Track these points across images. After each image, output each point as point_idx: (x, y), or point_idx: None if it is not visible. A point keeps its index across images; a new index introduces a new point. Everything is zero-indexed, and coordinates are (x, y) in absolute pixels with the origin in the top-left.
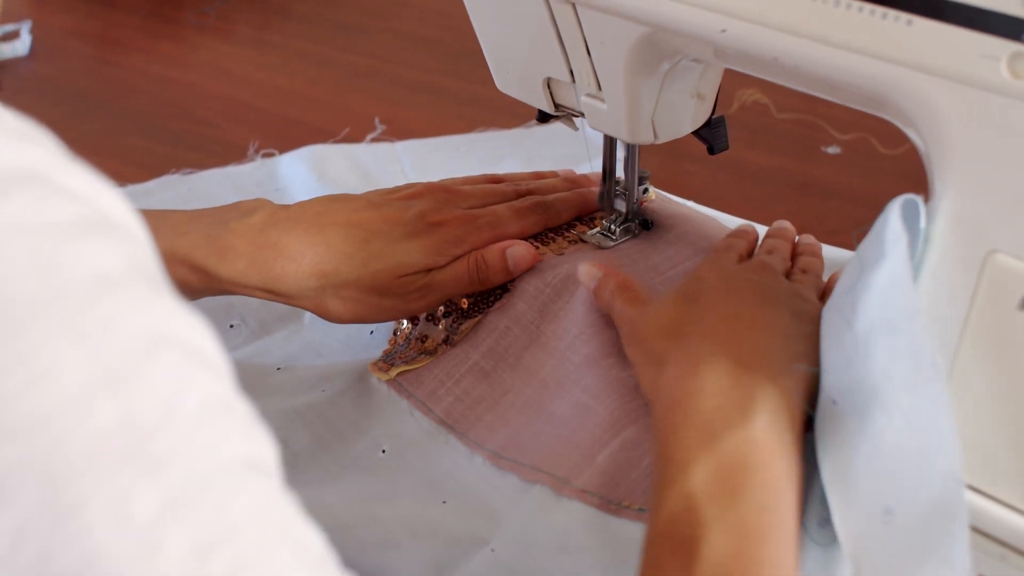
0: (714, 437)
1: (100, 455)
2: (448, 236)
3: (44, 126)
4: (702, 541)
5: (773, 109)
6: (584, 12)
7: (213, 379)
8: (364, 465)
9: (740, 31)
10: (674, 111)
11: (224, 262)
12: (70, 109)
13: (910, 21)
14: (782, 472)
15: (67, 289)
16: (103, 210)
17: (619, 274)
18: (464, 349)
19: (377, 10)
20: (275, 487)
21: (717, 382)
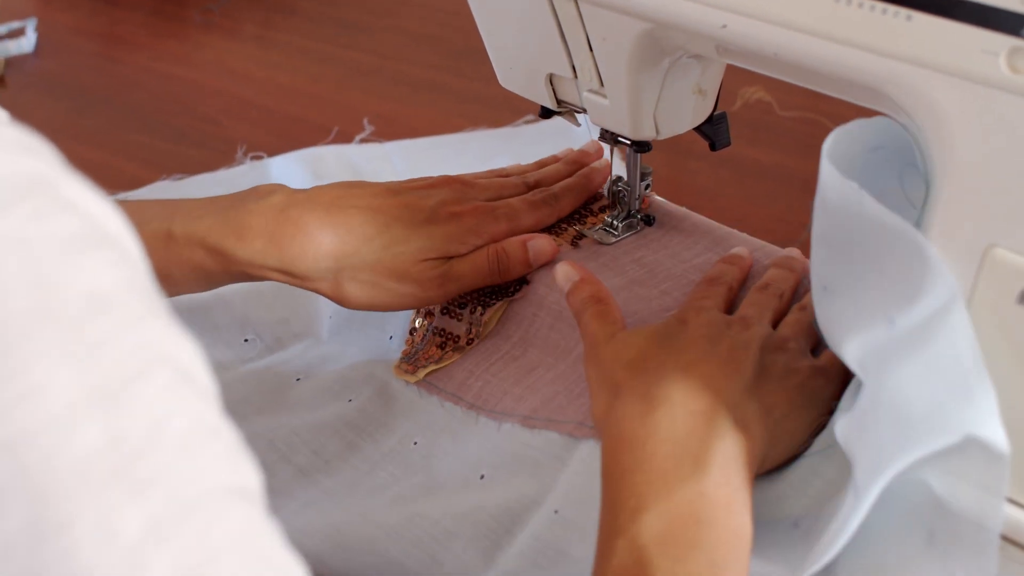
0: (667, 487)
1: (87, 474)
2: (467, 225)
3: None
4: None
5: (776, 107)
6: (586, 8)
7: (201, 403)
8: (397, 459)
9: (741, 26)
10: (676, 107)
11: (242, 242)
12: (74, 105)
13: (910, 16)
14: (734, 528)
15: (61, 306)
16: (100, 224)
17: (595, 284)
18: (494, 342)
19: (379, 8)
20: (258, 514)
21: (672, 428)
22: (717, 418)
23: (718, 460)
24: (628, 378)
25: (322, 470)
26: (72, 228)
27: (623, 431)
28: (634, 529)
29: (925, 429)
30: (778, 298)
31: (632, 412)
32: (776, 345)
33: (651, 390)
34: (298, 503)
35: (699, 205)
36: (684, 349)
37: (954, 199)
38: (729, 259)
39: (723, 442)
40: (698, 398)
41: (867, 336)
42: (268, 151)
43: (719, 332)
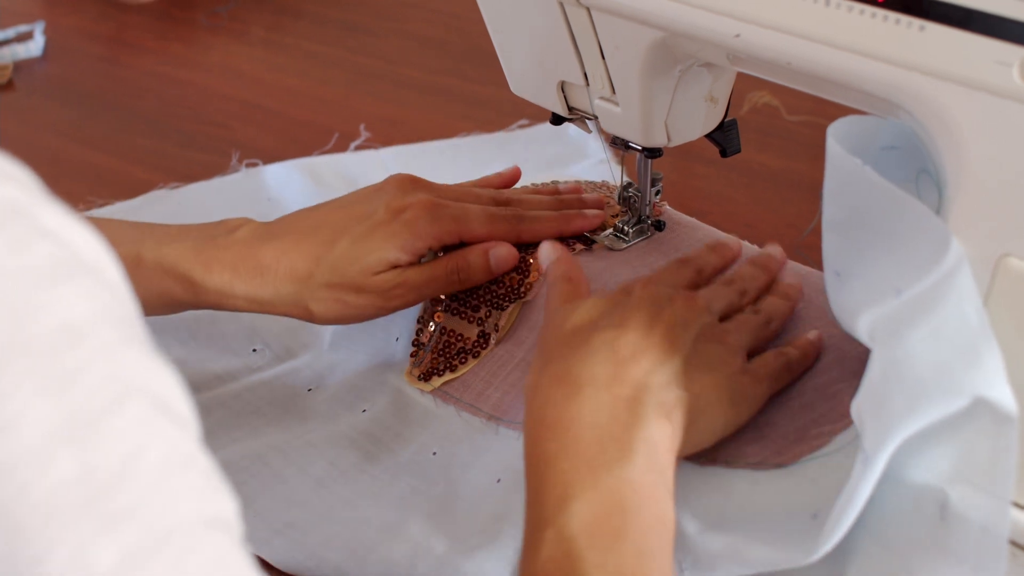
0: (592, 475)
1: (61, 507)
2: (411, 224)
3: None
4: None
5: (783, 111)
6: (599, 16)
7: (176, 432)
8: (416, 469)
9: (754, 36)
10: (687, 114)
11: (210, 273)
12: (83, 110)
13: (923, 27)
14: (659, 515)
15: (36, 338)
16: (77, 252)
17: (570, 262)
18: (507, 348)
19: (385, 11)
20: (233, 544)
21: (597, 412)
22: (641, 402)
23: (642, 447)
24: (556, 353)
25: (339, 481)
26: (47, 258)
27: (546, 415)
28: (561, 519)
29: (933, 392)
30: (739, 294)
31: (555, 394)
32: (714, 335)
33: (575, 370)
34: (316, 515)
35: (707, 210)
36: (619, 324)
37: (967, 208)
38: (713, 245)
39: (646, 427)
40: (623, 382)
41: (877, 309)
42: (276, 155)
43: (659, 307)
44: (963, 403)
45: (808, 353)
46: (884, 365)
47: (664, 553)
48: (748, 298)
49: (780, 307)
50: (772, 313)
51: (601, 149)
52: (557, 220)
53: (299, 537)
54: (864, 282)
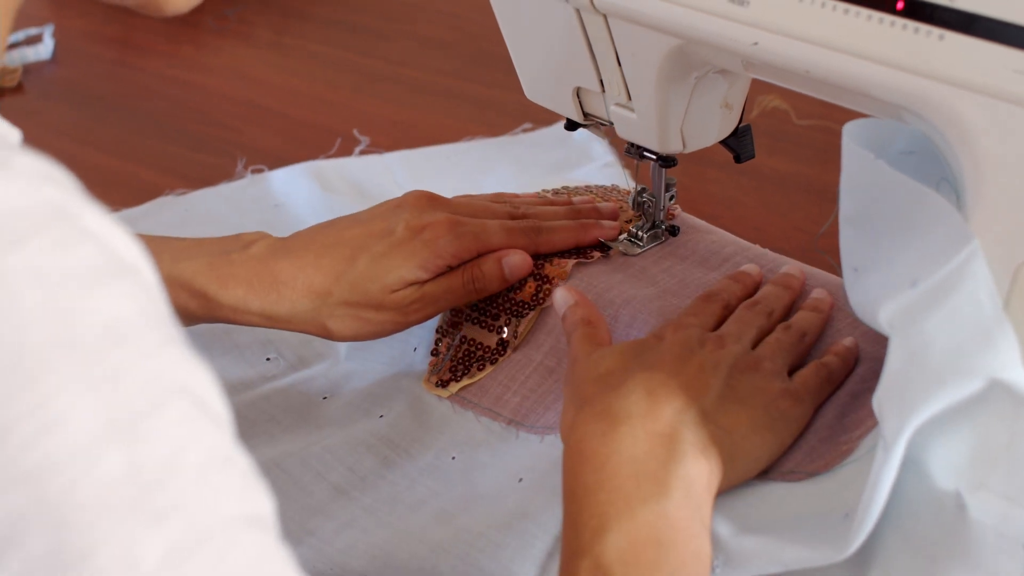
0: (629, 508)
1: (109, 503)
2: (431, 243)
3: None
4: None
5: (793, 115)
6: (616, 24)
7: (216, 432)
8: (436, 473)
9: (772, 44)
10: (703, 121)
11: (225, 289)
12: (92, 113)
13: (942, 36)
14: (694, 550)
15: (80, 338)
16: (118, 254)
17: (588, 306)
18: (525, 352)
19: (392, 14)
20: (271, 541)
21: (634, 448)
22: (677, 440)
23: (678, 483)
24: (594, 393)
25: (358, 487)
26: (91, 259)
27: (585, 448)
28: (597, 549)
29: (948, 376)
30: (766, 316)
31: (594, 429)
32: (748, 365)
33: (613, 407)
34: (337, 523)
35: (717, 214)
36: (652, 365)
37: (984, 217)
38: (736, 276)
39: (683, 464)
40: (659, 418)
41: (894, 300)
42: (284, 158)
43: (690, 351)
44: (978, 386)
45: (848, 360)
46: (901, 354)
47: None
48: (775, 318)
49: (812, 320)
50: (805, 327)
51: (606, 152)
52: (574, 230)
53: (321, 546)
54: (882, 275)
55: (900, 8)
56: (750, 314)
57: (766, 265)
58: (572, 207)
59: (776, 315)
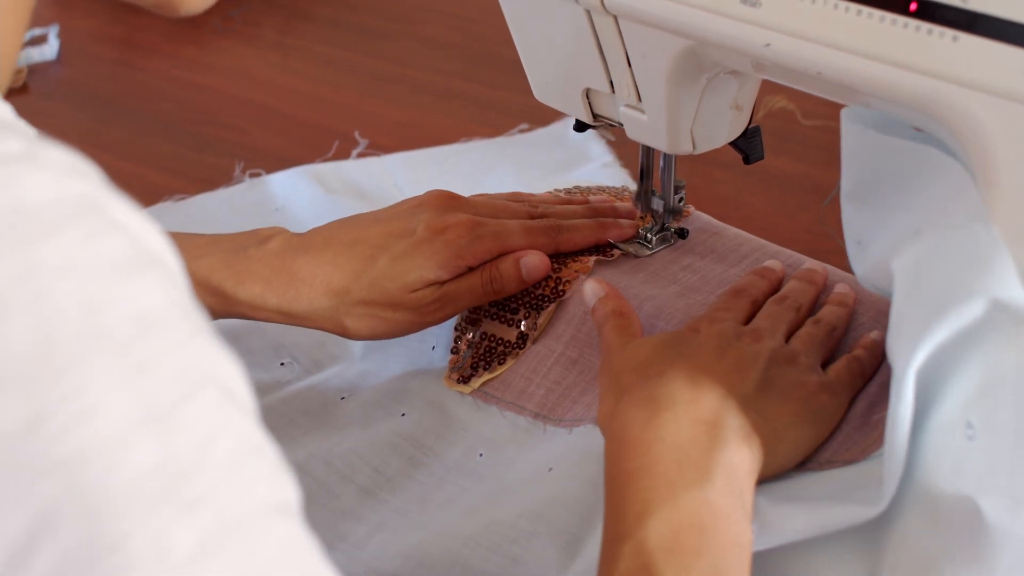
0: (672, 494)
1: (140, 493)
2: (452, 244)
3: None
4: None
5: (799, 116)
6: (626, 25)
7: (245, 421)
8: (464, 471)
9: (784, 46)
10: (713, 122)
11: (242, 285)
12: (97, 114)
13: (956, 37)
14: (736, 536)
15: (111, 329)
16: (146, 245)
17: (619, 298)
18: (546, 344)
19: (397, 15)
20: (300, 529)
21: (677, 434)
22: (720, 427)
23: (721, 469)
24: (634, 381)
25: (385, 488)
26: (120, 250)
27: (627, 435)
28: (640, 534)
29: (949, 301)
30: (794, 311)
31: (636, 416)
32: (785, 358)
33: (655, 393)
34: (368, 526)
35: (724, 215)
36: (692, 356)
37: (997, 218)
38: (760, 271)
39: (725, 451)
40: (702, 405)
41: (900, 252)
42: (291, 159)
43: (728, 343)
44: (980, 308)
45: (876, 352)
46: (903, 292)
47: (740, 574)
48: (803, 313)
49: (839, 313)
50: (833, 321)
51: (605, 152)
52: (593, 229)
53: (353, 551)
54: (887, 240)
55: (913, 9)
56: (780, 309)
57: (784, 262)
58: (590, 206)
59: (804, 310)
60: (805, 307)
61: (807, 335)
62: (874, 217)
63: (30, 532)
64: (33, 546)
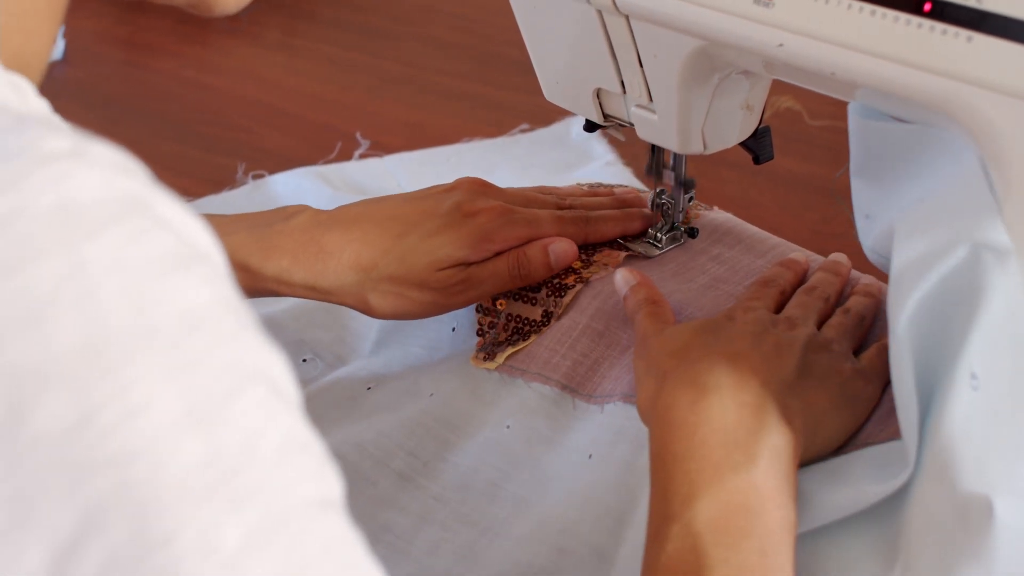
0: (719, 476)
1: (188, 489)
2: (483, 227)
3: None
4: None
5: (806, 116)
6: (638, 25)
7: (291, 416)
8: (496, 449)
9: (797, 46)
10: (724, 122)
11: (269, 260)
12: (105, 114)
13: (970, 38)
14: (781, 518)
15: (160, 325)
16: (192, 241)
17: (651, 287)
18: (571, 317)
19: (403, 15)
20: (345, 524)
21: (723, 417)
22: (764, 410)
23: (766, 452)
24: (675, 366)
25: (422, 472)
26: (167, 247)
27: (673, 418)
28: (688, 515)
29: (938, 250)
30: (824, 300)
31: (682, 399)
32: (820, 345)
33: (700, 377)
34: (412, 517)
35: (732, 215)
36: (731, 341)
37: (1012, 219)
38: (786, 263)
39: (770, 435)
40: (745, 389)
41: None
42: (299, 160)
43: (764, 329)
44: (964, 251)
45: None
46: (901, 253)
47: (787, 555)
48: (832, 302)
49: (868, 303)
50: (862, 311)
51: (607, 151)
52: (621, 219)
53: (402, 545)
54: (891, 210)
55: (927, 10)
56: (810, 299)
57: (813, 264)
58: (616, 196)
59: (832, 300)
60: (833, 297)
61: (839, 323)
62: (881, 191)
63: (79, 529)
64: (82, 543)
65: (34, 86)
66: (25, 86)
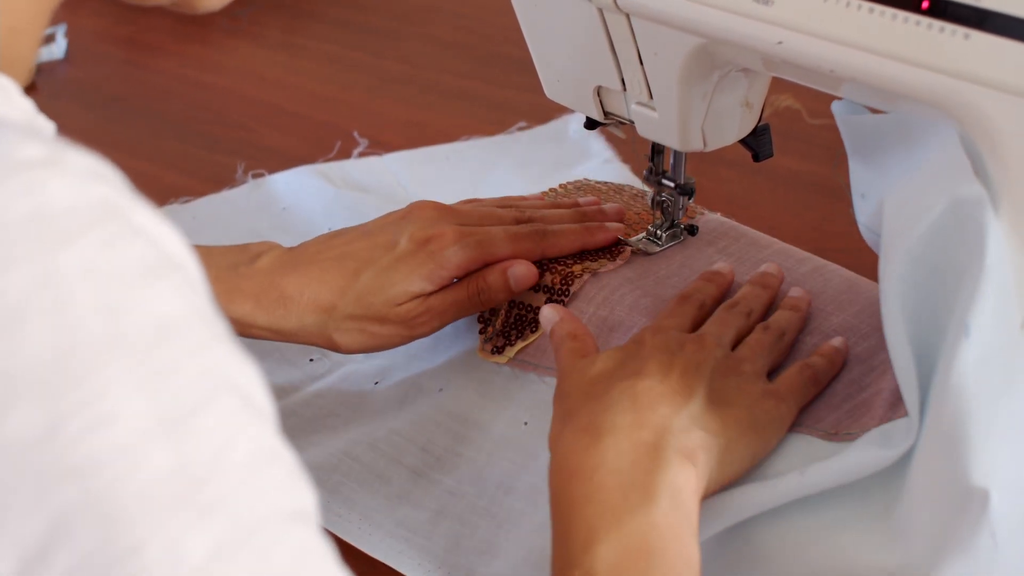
0: (617, 519)
1: (156, 499)
2: (436, 255)
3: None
4: None
5: (805, 115)
6: (638, 23)
7: (262, 427)
8: (512, 444)
9: (797, 43)
10: (723, 120)
11: (232, 304)
12: (106, 113)
13: (967, 35)
14: (684, 557)
15: (131, 335)
16: (167, 250)
17: (574, 322)
18: (577, 307)
19: (404, 15)
20: (314, 536)
21: (619, 459)
22: (662, 447)
23: (665, 490)
24: (577, 405)
25: (435, 467)
26: (141, 255)
27: (570, 463)
28: (588, 561)
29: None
30: (745, 316)
31: (579, 444)
32: (729, 367)
33: (597, 420)
34: (428, 512)
35: (731, 213)
36: (635, 373)
37: (1012, 215)
38: (709, 276)
39: (668, 471)
40: (643, 427)
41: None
42: (301, 159)
43: (672, 354)
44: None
45: (835, 360)
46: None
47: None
48: (755, 317)
49: (790, 318)
50: (783, 326)
51: (604, 148)
52: (579, 233)
53: (418, 541)
54: (883, 187)
55: (925, 7)
56: (729, 315)
57: (808, 262)
58: (578, 209)
59: (755, 315)
60: (757, 312)
61: (755, 341)
62: (873, 172)
63: (46, 538)
64: (49, 552)
65: (19, 87)
66: (10, 87)
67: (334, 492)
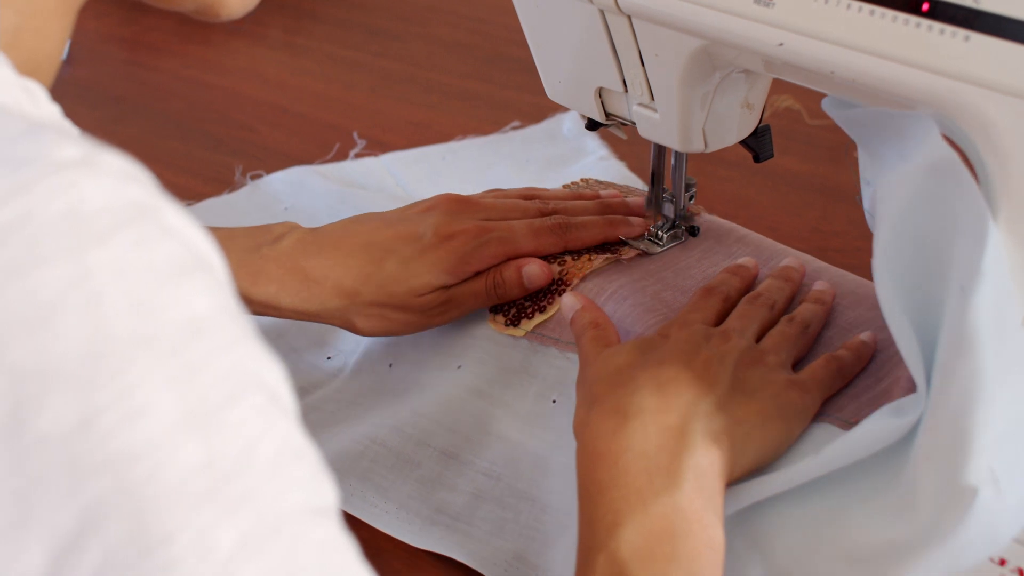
0: (642, 502)
1: (186, 492)
2: (459, 251)
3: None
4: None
5: (805, 115)
6: (639, 24)
7: (287, 424)
8: (540, 421)
9: (797, 45)
10: (724, 120)
11: (257, 286)
12: (109, 113)
13: (968, 37)
14: (708, 540)
15: (162, 332)
16: (196, 249)
17: (596, 311)
18: (596, 283)
19: (407, 15)
20: (338, 531)
21: (644, 442)
22: (688, 431)
23: (690, 473)
24: (604, 391)
25: (465, 448)
26: (172, 254)
27: (597, 447)
28: (613, 544)
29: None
30: (768, 309)
31: (605, 427)
32: (754, 359)
33: (623, 403)
34: (465, 496)
35: (731, 214)
36: (660, 362)
37: (1012, 216)
38: (733, 269)
39: (694, 456)
40: (669, 411)
41: None
42: (304, 159)
43: (697, 347)
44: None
45: (862, 354)
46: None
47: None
48: (778, 310)
49: (815, 311)
50: (807, 318)
51: (600, 146)
52: (602, 226)
53: (462, 527)
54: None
55: (925, 9)
56: (752, 308)
57: (808, 264)
58: (601, 201)
59: (778, 308)
60: (780, 305)
61: (779, 333)
62: (873, 158)
63: (78, 529)
64: (81, 543)
65: (46, 90)
66: (38, 91)
67: (364, 479)
